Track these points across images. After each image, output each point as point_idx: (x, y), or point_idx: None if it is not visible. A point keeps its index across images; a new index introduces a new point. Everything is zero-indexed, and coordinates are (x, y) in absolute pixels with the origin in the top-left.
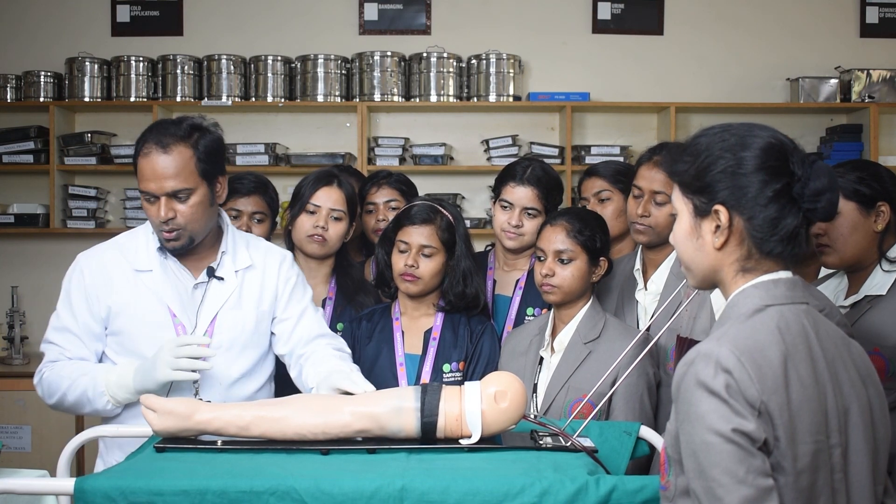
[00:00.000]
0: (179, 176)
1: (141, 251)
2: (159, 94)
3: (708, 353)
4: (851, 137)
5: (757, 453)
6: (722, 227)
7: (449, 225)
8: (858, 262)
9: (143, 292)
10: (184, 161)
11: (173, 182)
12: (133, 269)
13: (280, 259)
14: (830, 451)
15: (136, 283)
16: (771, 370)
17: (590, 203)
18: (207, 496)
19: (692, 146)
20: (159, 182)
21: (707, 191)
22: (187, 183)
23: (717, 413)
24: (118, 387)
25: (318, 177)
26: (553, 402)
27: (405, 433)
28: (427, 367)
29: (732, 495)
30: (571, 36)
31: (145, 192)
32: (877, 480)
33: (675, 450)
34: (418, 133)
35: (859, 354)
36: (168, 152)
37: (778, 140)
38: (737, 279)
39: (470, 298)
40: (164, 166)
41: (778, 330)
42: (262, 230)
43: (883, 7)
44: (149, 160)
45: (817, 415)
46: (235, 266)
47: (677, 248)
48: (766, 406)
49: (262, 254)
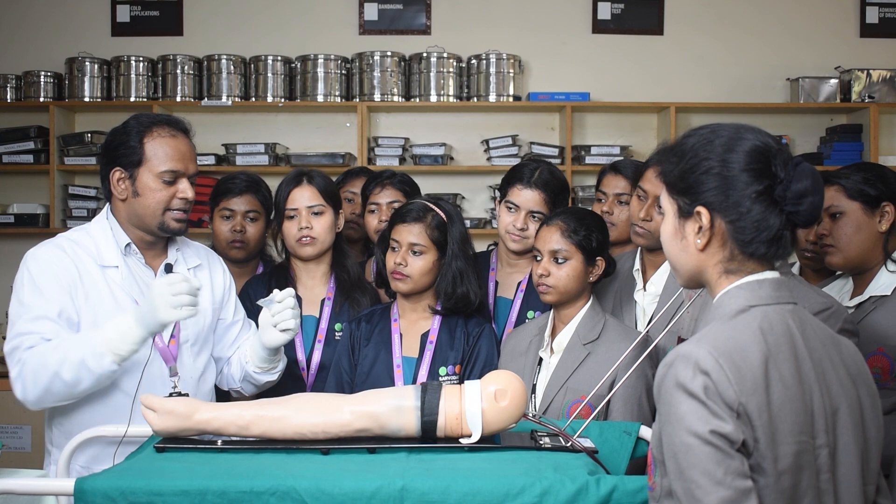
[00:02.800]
0: (196, 161)
1: (103, 247)
2: (159, 94)
3: (687, 354)
4: (851, 137)
5: (735, 455)
6: (704, 228)
7: (440, 223)
8: (863, 262)
9: (111, 288)
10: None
11: (194, 166)
12: (98, 264)
13: (219, 261)
14: (817, 452)
15: (102, 278)
16: (750, 371)
17: (607, 199)
18: (207, 496)
19: (679, 146)
20: (186, 163)
21: (690, 192)
22: (197, 169)
23: (695, 414)
24: (121, 340)
25: (288, 180)
26: (551, 403)
27: (405, 432)
28: (423, 371)
29: (710, 496)
30: (571, 36)
31: (173, 170)
32: (868, 481)
33: (659, 451)
34: (418, 133)
35: (850, 354)
36: (188, 138)
37: (763, 142)
38: (721, 280)
39: (460, 299)
40: (190, 149)
41: (760, 330)
42: (257, 228)
43: (883, 7)
44: (178, 142)
45: (800, 415)
46: (187, 264)
47: (664, 248)
48: (744, 407)
49: (203, 254)
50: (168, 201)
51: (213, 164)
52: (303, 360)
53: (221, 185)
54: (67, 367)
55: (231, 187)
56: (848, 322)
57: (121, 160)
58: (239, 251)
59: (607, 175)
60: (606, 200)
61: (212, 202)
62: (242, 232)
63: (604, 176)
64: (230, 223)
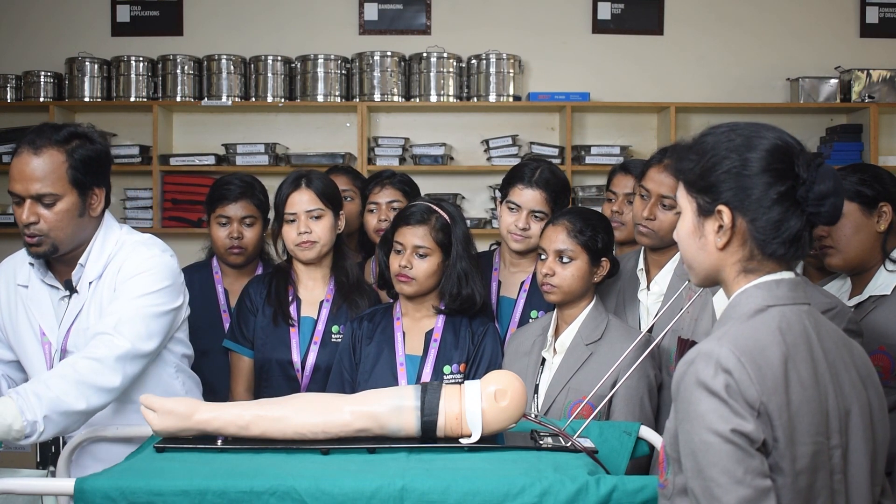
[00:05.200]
0: (46, 180)
1: (19, 266)
2: (159, 94)
3: (708, 352)
4: (851, 137)
5: (755, 454)
6: (725, 227)
7: (444, 225)
8: (862, 263)
9: (22, 307)
10: (54, 166)
11: (39, 185)
12: (16, 283)
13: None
14: (830, 453)
15: (17, 298)
16: (771, 371)
17: (617, 199)
18: (207, 496)
19: (698, 144)
20: (25, 184)
21: (711, 190)
22: (54, 188)
23: (716, 413)
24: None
25: (286, 183)
26: (553, 404)
27: (405, 432)
28: (427, 369)
29: (730, 495)
30: (571, 36)
31: (12, 193)
32: (875, 482)
33: (673, 449)
34: (418, 133)
35: (860, 356)
36: (39, 154)
37: (784, 142)
38: (739, 279)
39: (465, 299)
40: (32, 168)
41: (779, 330)
42: (254, 233)
43: (883, 7)
44: (19, 160)
45: (817, 416)
46: (89, 277)
47: (680, 246)
48: (765, 407)
49: (111, 262)
50: (22, 224)
51: (213, 164)
52: (298, 362)
53: (216, 191)
54: None
55: (226, 193)
56: (852, 322)
57: None
58: (238, 256)
59: (617, 175)
60: (616, 200)
61: (208, 206)
62: (240, 238)
63: (614, 176)
64: (227, 230)
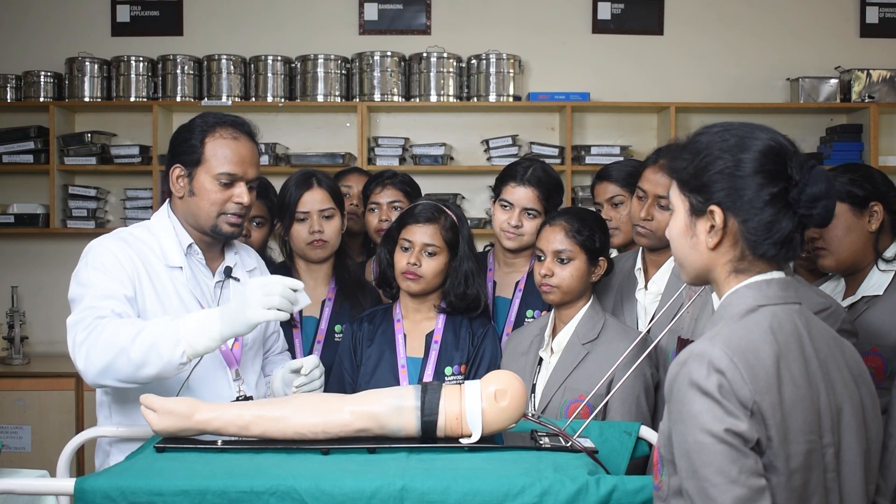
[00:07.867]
0: (257, 165)
1: (167, 247)
2: (159, 94)
3: (701, 353)
4: (851, 137)
5: (749, 453)
6: (716, 227)
7: (453, 225)
8: (854, 263)
9: (177, 288)
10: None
11: (254, 170)
12: (164, 264)
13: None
14: (823, 451)
15: (168, 278)
16: (763, 370)
17: (603, 209)
18: (207, 496)
19: (692, 144)
20: (245, 167)
21: (704, 190)
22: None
23: (709, 413)
24: (201, 333)
25: (297, 183)
26: (550, 403)
27: (405, 432)
28: (429, 371)
29: (725, 495)
30: (571, 36)
31: (230, 173)
32: (869, 480)
33: (667, 450)
34: (418, 133)
35: (852, 354)
36: (252, 141)
37: (777, 143)
38: (730, 279)
39: (471, 300)
40: (252, 153)
41: (770, 330)
42: (262, 234)
43: (883, 7)
44: (238, 144)
45: (810, 414)
46: (245, 267)
47: (672, 244)
48: (758, 406)
49: (255, 258)
50: (222, 204)
51: None
52: None
53: None
54: (138, 346)
55: None
56: (846, 322)
57: (182, 157)
58: None
59: (596, 186)
60: (603, 209)
61: None
62: (248, 237)
63: (594, 187)
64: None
